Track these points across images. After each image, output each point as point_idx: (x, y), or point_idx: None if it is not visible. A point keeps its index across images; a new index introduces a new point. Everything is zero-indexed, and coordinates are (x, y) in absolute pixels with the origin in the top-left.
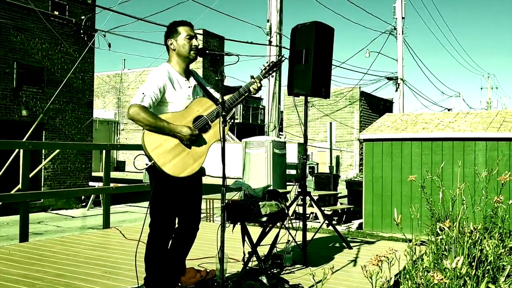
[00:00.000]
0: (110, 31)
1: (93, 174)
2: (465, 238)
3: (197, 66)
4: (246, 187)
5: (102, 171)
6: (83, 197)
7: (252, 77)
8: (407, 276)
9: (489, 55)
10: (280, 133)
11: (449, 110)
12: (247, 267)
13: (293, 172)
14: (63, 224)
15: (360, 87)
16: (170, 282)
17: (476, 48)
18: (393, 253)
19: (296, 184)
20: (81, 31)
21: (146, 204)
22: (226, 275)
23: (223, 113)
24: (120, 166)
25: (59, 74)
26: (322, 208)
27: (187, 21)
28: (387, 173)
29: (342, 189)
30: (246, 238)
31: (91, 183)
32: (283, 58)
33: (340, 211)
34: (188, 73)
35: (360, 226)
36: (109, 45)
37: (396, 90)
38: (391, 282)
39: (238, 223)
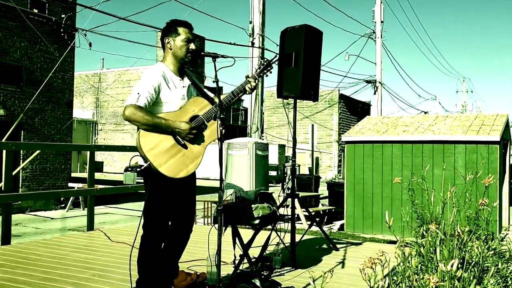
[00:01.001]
0: (91, 30)
1: (72, 175)
2: (453, 240)
3: None
4: (238, 190)
5: (80, 172)
6: (62, 198)
7: (247, 76)
8: (396, 278)
9: (465, 59)
10: (261, 134)
11: (425, 113)
12: (238, 269)
13: (274, 173)
14: (42, 226)
15: (339, 90)
16: (163, 284)
17: (452, 52)
18: (383, 255)
19: (278, 185)
20: (61, 30)
21: (126, 205)
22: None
23: (222, 116)
24: (98, 167)
25: (39, 73)
26: (304, 210)
27: (187, 22)
28: (368, 175)
29: (323, 190)
30: (237, 241)
31: (70, 184)
32: (276, 58)
33: (322, 213)
34: (182, 73)
35: (341, 227)
36: (90, 45)
37: (375, 93)
38: (385, 284)
39: (229, 226)
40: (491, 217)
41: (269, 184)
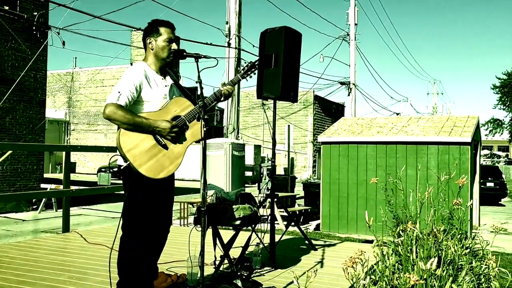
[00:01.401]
0: (64, 29)
1: (44, 175)
2: (430, 239)
3: None
4: (219, 190)
5: (52, 173)
6: (34, 199)
7: (223, 84)
8: (374, 276)
9: (435, 62)
10: (238, 135)
11: (397, 114)
12: (219, 270)
13: (249, 174)
14: (14, 228)
15: (314, 91)
16: (144, 285)
17: (423, 55)
18: (362, 254)
19: (254, 186)
20: (34, 28)
21: (100, 206)
22: (198, 279)
23: (206, 117)
24: (71, 167)
25: (10, 71)
26: (281, 210)
27: (169, 22)
28: (343, 175)
29: (298, 190)
30: (217, 242)
31: (43, 185)
32: (258, 60)
33: (298, 213)
34: (164, 73)
35: (317, 227)
36: (63, 43)
37: (349, 95)
38: (367, 283)
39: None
40: (464, 216)
41: (245, 185)
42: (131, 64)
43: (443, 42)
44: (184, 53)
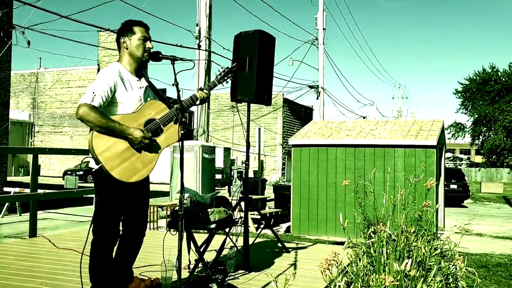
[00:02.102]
0: (30, 28)
1: (7, 178)
2: (400, 241)
3: None
4: (193, 194)
5: (15, 176)
6: None
7: (200, 89)
8: (347, 278)
9: (400, 66)
10: (207, 137)
11: (364, 117)
12: (194, 274)
13: (219, 176)
14: None
15: (283, 94)
16: None
17: (389, 59)
18: (336, 256)
19: (223, 189)
20: None
21: (66, 210)
22: (173, 283)
23: (184, 120)
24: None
25: None
26: (252, 213)
27: (143, 22)
28: (313, 177)
29: (269, 193)
30: (192, 245)
31: (6, 189)
32: (236, 66)
33: (269, 215)
34: (139, 74)
35: (288, 229)
36: (28, 43)
37: (317, 98)
38: (342, 284)
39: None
40: (432, 218)
41: (215, 188)
42: (98, 65)
43: (407, 46)
44: (160, 55)
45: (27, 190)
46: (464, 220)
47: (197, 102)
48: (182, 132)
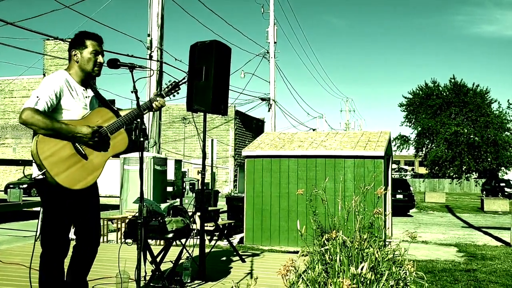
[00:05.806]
0: None
1: None
2: (353, 247)
3: None
4: (150, 203)
5: None
6: None
7: (155, 94)
8: (303, 284)
9: (348, 81)
10: (159, 149)
11: (314, 129)
12: (150, 285)
13: (170, 189)
14: None
15: (235, 106)
16: None
17: (337, 74)
18: (293, 262)
19: (175, 201)
20: None
21: (6, 225)
22: None
23: (143, 126)
24: None
25: None
26: (207, 224)
27: (97, 35)
28: (266, 188)
29: (222, 204)
30: (148, 256)
31: None
32: (185, 79)
33: (222, 226)
34: (86, 84)
35: (241, 241)
36: None
37: (269, 110)
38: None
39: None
40: (382, 225)
41: (167, 201)
42: (44, 74)
43: (355, 60)
44: (118, 63)
45: None
46: (411, 229)
47: (153, 110)
48: (143, 140)
